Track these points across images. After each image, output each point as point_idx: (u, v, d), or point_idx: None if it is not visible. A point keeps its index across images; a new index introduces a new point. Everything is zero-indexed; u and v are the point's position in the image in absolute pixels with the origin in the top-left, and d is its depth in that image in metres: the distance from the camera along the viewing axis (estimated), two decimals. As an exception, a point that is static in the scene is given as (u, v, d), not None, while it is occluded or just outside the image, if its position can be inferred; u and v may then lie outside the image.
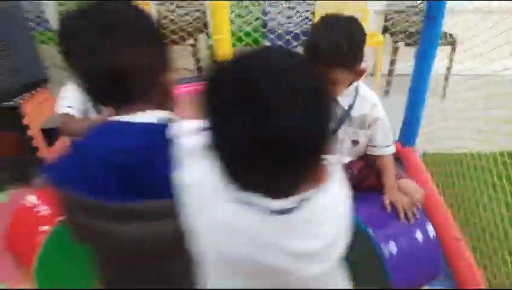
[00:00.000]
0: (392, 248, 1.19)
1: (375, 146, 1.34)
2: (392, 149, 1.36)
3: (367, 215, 1.24)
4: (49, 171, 0.73)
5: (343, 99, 1.27)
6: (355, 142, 1.36)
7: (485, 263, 1.56)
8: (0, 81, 1.95)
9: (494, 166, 1.87)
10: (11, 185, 2.18)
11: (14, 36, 2.00)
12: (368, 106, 1.28)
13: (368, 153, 1.38)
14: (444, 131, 2.49)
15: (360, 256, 1.10)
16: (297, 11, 3.34)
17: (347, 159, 1.39)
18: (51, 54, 2.59)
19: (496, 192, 1.79)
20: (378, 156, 1.35)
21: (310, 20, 3.36)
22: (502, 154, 1.89)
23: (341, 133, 1.33)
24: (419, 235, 1.24)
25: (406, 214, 1.24)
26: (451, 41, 3.06)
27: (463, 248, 1.54)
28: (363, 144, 1.36)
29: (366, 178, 1.37)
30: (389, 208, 1.25)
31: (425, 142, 2.39)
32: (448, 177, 2.06)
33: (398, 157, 2.32)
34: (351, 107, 1.28)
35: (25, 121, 1.99)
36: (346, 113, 1.28)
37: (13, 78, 2.01)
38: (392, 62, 3.16)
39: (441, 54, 3.17)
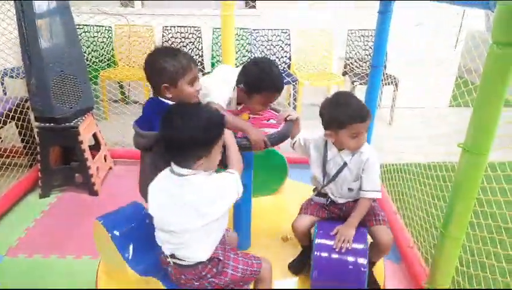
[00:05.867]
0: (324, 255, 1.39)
1: (359, 189, 1.47)
2: (369, 194, 1.45)
3: (323, 229, 1.48)
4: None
5: (346, 155, 1.47)
6: (350, 189, 1.50)
7: (412, 227, 2.13)
8: (67, 107, 2.40)
9: (425, 170, 2.50)
10: (58, 189, 2.63)
11: (78, 72, 2.43)
12: (362, 160, 1.45)
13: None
14: (391, 148, 3.21)
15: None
16: (277, 57, 4.04)
17: (343, 201, 1.54)
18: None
19: (425, 187, 2.38)
20: (361, 197, 1.46)
21: (288, 66, 4.04)
22: (433, 163, 2.55)
23: (340, 179, 1.49)
24: (350, 260, 1.37)
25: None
26: (394, 82, 3.71)
27: (398, 218, 2.21)
28: (356, 192, 1.49)
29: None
30: (334, 232, 1.43)
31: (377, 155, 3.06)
32: (394, 180, 2.61)
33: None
34: (349, 160, 1.46)
35: (79, 138, 2.45)
36: (345, 164, 1.47)
37: (75, 105, 2.44)
38: (351, 97, 3.86)
39: (387, 92, 3.98)
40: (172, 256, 1.20)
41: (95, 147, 2.79)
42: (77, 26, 3.69)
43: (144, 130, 1.35)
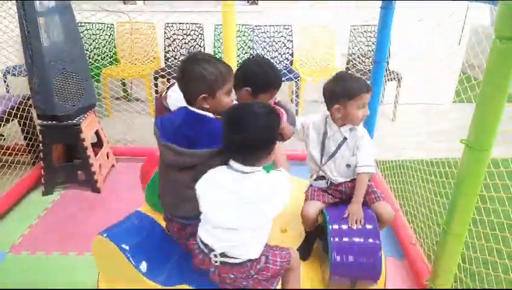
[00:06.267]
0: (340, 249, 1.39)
1: (356, 166, 1.54)
2: (364, 169, 1.51)
3: (333, 215, 1.50)
4: (159, 117, 1.31)
5: (345, 131, 1.54)
6: (348, 166, 1.56)
7: (414, 224, 2.13)
8: (70, 104, 2.40)
9: (428, 167, 2.47)
10: (61, 186, 2.64)
11: (80, 70, 2.43)
12: (358, 136, 1.54)
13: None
14: (393, 144, 3.19)
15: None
16: (279, 53, 4.02)
17: (342, 180, 1.58)
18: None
19: (427, 184, 2.37)
20: (358, 173, 1.52)
21: (290, 63, 4.04)
22: (435, 159, 2.49)
23: (339, 155, 1.56)
24: (366, 249, 1.40)
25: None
26: (397, 78, 3.70)
27: (400, 214, 2.20)
28: (353, 169, 1.56)
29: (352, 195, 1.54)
30: (346, 215, 1.48)
31: (380, 152, 2.84)
32: (396, 176, 2.61)
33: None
34: (348, 135, 1.54)
35: (82, 136, 2.46)
36: (345, 139, 1.54)
37: (77, 102, 2.44)
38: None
39: (390, 88, 3.95)
40: (222, 255, 1.18)
41: (98, 145, 2.79)
42: (79, 24, 3.70)
43: (181, 147, 1.24)
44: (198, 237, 1.22)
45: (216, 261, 1.19)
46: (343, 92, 1.50)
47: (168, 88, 1.63)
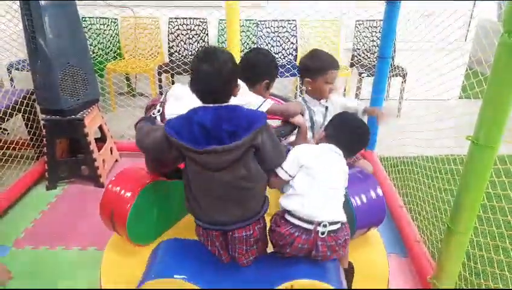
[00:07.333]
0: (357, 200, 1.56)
1: None
2: None
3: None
4: (167, 123, 1.18)
5: (324, 103, 1.81)
6: None
7: (418, 222, 2.11)
8: (73, 99, 2.39)
9: (433, 164, 2.49)
10: (64, 181, 2.63)
11: (83, 64, 2.42)
12: (333, 104, 1.82)
13: None
14: (398, 140, 3.16)
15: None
16: (283, 48, 4.00)
17: None
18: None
19: (432, 181, 2.36)
20: None
21: (294, 58, 4.00)
22: (440, 156, 2.53)
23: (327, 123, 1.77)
24: (373, 194, 1.58)
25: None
26: (402, 73, 3.68)
27: (404, 212, 2.18)
28: None
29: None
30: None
31: (384, 149, 2.93)
32: (401, 173, 2.59)
33: (364, 157, 2.94)
34: (328, 106, 1.82)
35: (85, 130, 2.45)
36: (327, 109, 1.81)
37: (81, 96, 2.43)
38: (358, 88, 3.72)
39: (395, 83, 3.91)
40: (331, 223, 1.25)
41: (101, 140, 2.78)
42: (83, 19, 3.69)
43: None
44: (294, 219, 1.26)
45: (323, 233, 1.24)
46: (314, 68, 1.72)
47: (149, 109, 1.55)
